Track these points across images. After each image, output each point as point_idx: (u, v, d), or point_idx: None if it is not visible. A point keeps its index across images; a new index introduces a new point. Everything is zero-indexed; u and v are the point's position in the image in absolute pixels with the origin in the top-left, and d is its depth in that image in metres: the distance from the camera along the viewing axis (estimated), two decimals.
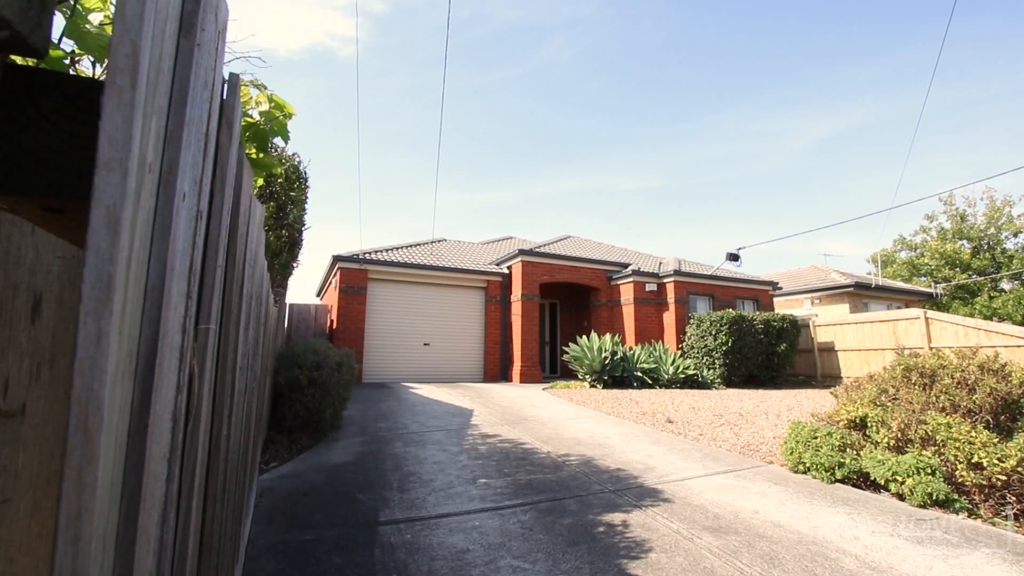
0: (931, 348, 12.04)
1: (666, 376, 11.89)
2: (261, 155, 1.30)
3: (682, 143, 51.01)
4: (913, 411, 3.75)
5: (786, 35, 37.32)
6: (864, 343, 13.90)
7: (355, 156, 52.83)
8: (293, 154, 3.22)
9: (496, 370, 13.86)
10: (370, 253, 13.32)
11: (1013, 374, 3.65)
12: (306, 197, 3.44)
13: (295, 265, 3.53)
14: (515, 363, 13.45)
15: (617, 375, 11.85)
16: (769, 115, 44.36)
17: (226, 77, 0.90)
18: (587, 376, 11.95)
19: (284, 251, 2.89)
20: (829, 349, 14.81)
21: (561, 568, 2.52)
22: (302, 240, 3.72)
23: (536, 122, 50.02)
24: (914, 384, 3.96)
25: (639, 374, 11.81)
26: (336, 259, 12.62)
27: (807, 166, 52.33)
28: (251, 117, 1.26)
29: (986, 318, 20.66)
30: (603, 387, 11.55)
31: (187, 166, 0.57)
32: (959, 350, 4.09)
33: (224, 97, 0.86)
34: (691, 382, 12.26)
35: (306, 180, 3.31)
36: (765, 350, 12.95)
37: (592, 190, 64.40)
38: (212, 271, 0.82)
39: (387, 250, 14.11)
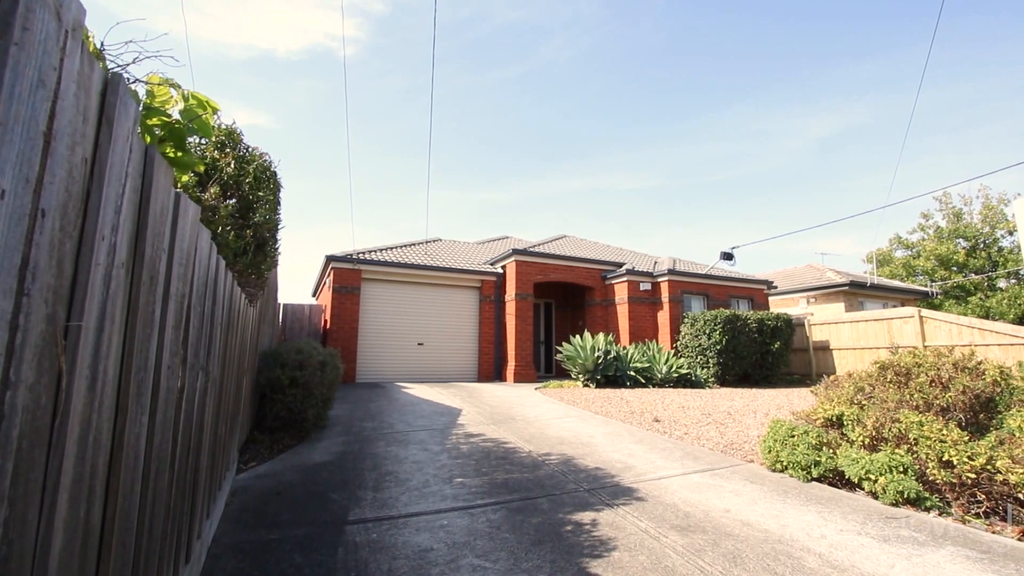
0: (925, 347, 12.01)
1: (659, 375, 11.88)
2: (179, 153, 1.30)
3: (682, 143, 50.95)
4: (888, 409, 3.74)
5: (786, 35, 37.20)
6: (859, 342, 13.86)
7: (356, 156, 52.88)
8: (262, 154, 3.22)
9: (490, 370, 13.86)
10: (364, 253, 13.33)
11: (987, 372, 3.64)
12: (277, 198, 3.44)
13: (266, 265, 3.53)
14: (509, 363, 13.45)
15: (610, 374, 11.84)
16: (768, 115, 44.27)
17: (138, 76, 0.90)
18: (580, 375, 11.94)
19: (250, 251, 2.88)
20: (824, 348, 14.77)
21: (521, 567, 2.52)
22: (276, 240, 3.72)
23: (536, 122, 50.02)
24: (890, 382, 3.95)
25: (632, 373, 11.80)
26: (329, 259, 12.65)
27: (807, 166, 52.20)
28: (167, 116, 1.26)
29: (982, 317, 20.60)
30: (596, 386, 11.54)
31: (6, 164, 0.57)
32: (936, 348, 4.08)
33: (105, 96, 0.87)
34: (685, 381, 12.25)
35: (277, 179, 3.30)
36: (759, 349, 12.93)
37: (592, 190, 64.39)
38: (88, 269, 0.82)
39: (381, 250, 14.13)
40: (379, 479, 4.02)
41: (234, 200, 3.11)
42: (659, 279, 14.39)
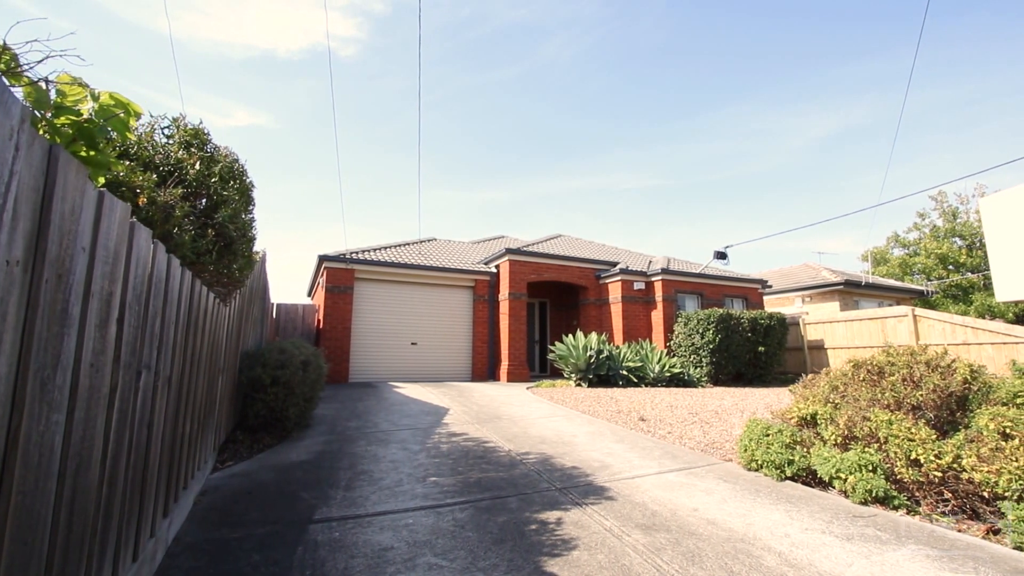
0: (919, 345, 11.96)
1: (652, 374, 11.87)
2: (92, 153, 1.31)
3: (682, 142, 50.98)
4: (860, 408, 3.73)
5: (786, 34, 37.11)
6: (853, 341, 13.83)
7: (357, 156, 52.99)
8: (229, 154, 3.23)
9: (484, 369, 13.87)
10: (357, 253, 13.34)
11: (957, 371, 3.62)
12: (248, 197, 3.45)
13: (238, 265, 3.54)
14: (503, 362, 13.45)
15: (602, 374, 11.84)
16: (769, 113, 44.25)
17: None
18: (573, 375, 11.94)
19: (214, 250, 2.89)
20: (819, 347, 14.73)
21: (478, 565, 2.52)
22: (249, 239, 3.72)
23: (536, 121, 50.06)
24: (863, 381, 3.94)
25: (624, 372, 11.79)
26: (322, 259, 12.66)
27: (807, 164, 52.21)
28: (77, 115, 1.27)
29: (980, 316, 20.53)
30: (588, 386, 11.54)
31: None
32: (909, 347, 4.07)
33: None
34: (677, 380, 12.24)
35: (244, 178, 3.31)
36: (752, 348, 12.91)
37: (593, 189, 64.52)
38: None
39: (374, 249, 14.14)
40: (353, 478, 4.02)
41: (204, 200, 3.11)
42: (653, 278, 14.38)
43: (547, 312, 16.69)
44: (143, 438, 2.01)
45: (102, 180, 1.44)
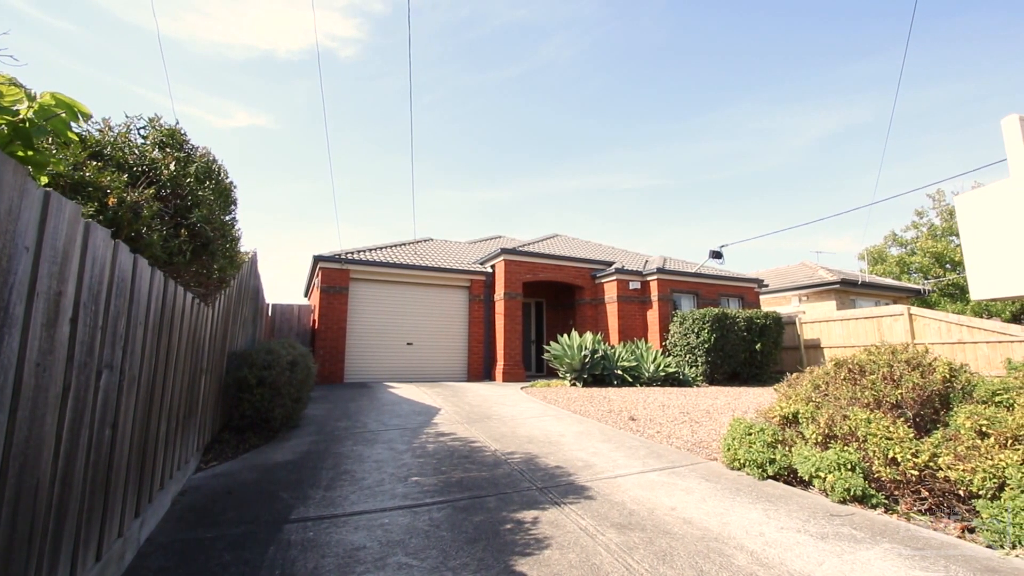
0: (914, 344, 11.92)
1: (647, 374, 11.86)
2: (30, 152, 1.31)
3: (682, 142, 51.00)
4: (840, 407, 3.73)
5: (786, 34, 37.06)
6: (849, 340, 13.81)
7: (356, 156, 53.04)
8: (205, 154, 3.24)
9: (480, 369, 13.87)
10: (352, 253, 13.35)
11: (937, 370, 3.62)
12: (229, 197, 3.46)
13: (219, 265, 3.54)
14: (498, 362, 13.45)
15: (597, 373, 11.82)
16: (769, 114, 44.23)
17: None
18: (568, 375, 11.93)
19: (187, 251, 2.90)
20: (815, 346, 14.71)
21: (448, 564, 2.52)
22: (231, 240, 3.73)
23: (536, 121, 50.10)
24: (844, 380, 3.93)
25: (620, 372, 11.78)
26: (317, 259, 12.67)
27: (807, 164, 52.18)
28: (10, 115, 1.27)
29: (977, 314, 20.48)
30: (583, 385, 11.53)
31: None
32: (891, 346, 4.07)
33: None
34: (672, 380, 12.23)
35: (223, 178, 3.32)
36: (748, 347, 12.89)
37: (593, 189, 64.59)
38: None
39: (370, 250, 14.14)
40: (334, 478, 4.02)
41: (177, 200, 3.11)
42: (648, 278, 14.37)
43: (543, 312, 16.69)
44: (105, 438, 2.01)
45: (44, 179, 1.44)
